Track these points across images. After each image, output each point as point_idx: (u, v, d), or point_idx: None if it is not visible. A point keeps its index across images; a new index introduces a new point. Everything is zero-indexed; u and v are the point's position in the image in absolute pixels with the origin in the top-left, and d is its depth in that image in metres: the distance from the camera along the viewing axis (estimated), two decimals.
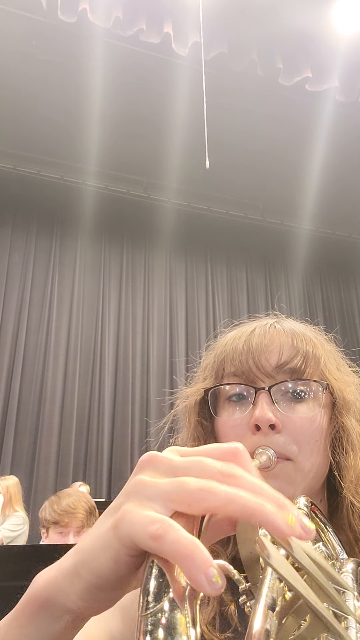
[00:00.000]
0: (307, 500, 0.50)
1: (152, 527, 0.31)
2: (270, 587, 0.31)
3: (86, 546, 0.36)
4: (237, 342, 0.73)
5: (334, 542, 0.52)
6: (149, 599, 0.28)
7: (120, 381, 7.02)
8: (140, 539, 0.31)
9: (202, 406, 0.75)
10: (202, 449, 0.37)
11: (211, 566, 0.28)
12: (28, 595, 0.38)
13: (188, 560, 0.28)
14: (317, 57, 5.52)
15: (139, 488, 0.35)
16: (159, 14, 5.10)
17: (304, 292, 8.84)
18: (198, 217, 7.70)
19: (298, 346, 0.70)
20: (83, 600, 0.35)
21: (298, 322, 0.77)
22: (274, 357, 0.69)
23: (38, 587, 0.37)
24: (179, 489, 0.33)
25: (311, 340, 0.72)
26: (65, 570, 0.36)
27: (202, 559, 0.28)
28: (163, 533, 0.30)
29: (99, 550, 0.34)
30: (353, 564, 0.44)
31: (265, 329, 0.73)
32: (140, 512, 0.33)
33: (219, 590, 0.28)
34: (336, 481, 0.68)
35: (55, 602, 0.36)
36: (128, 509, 0.33)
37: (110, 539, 0.34)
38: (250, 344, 0.71)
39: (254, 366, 0.69)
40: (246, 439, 0.66)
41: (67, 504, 2.34)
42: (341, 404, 0.69)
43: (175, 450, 0.38)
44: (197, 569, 0.28)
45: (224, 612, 0.62)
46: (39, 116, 6.10)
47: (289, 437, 0.65)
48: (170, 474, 0.35)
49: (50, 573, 0.37)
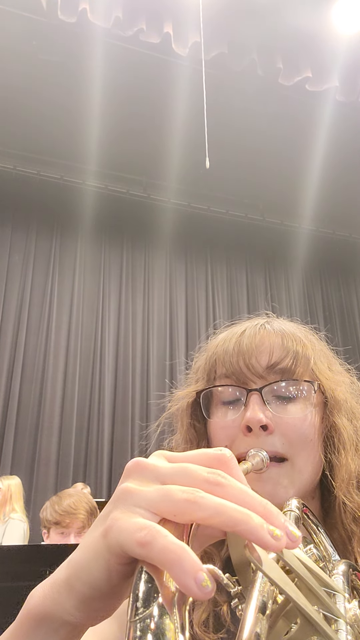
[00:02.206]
0: (299, 502, 0.50)
1: (139, 533, 0.31)
2: (260, 591, 0.31)
3: (78, 557, 0.36)
4: (227, 343, 0.73)
5: (325, 543, 0.52)
6: (137, 605, 0.28)
7: (120, 381, 7.02)
8: (129, 546, 0.31)
9: (194, 408, 0.75)
10: (188, 454, 0.37)
11: (200, 570, 0.28)
12: (24, 612, 0.38)
13: (176, 566, 0.28)
14: (317, 57, 5.52)
15: (125, 496, 0.35)
16: (159, 14, 5.10)
17: (304, 292, 8.84)
18: (198, 217, 7.69)
19: (288, 346, 0.70)
20: (80, 611, 0.35)
21: (288, 322, 0.78)
22: (265, 358, 0.69)
23: (34, 603, 0.37)
24: (164, 497, 0.33)
25: (301, 340, 0.72)
26: (59, 583, 0.36)
27: (190, 564, 0.28)
28: (151, 539, 0.30)
29: (90, 560, 0.34)
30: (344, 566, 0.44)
31: (255, 330, 0.73)
32: (127, 520, 0.32)
33: (209, 594, 0.28)
34: (328, 480, 0.68)
35: (53, 616, 0.36)
36: (116, 516, 0.33)
37: (100, 549, 0.34)
38: (241, 345, 0.71)
39: (244, 367, 0.69)
40: (238, 440, 0.66)
41: (68, 505, 2.34)
42: (332, 403, 0.70)
43: (161, 455, 0.38)
44: (185, 574, 0.28)
45: (218, 612, 0.62)
46: (39, 116, 6.09)
47: (281, 438, 0.65)
48: (156, 480, 0.35)
49: (45, 588, 0.37)
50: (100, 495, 5.91)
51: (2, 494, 4.14)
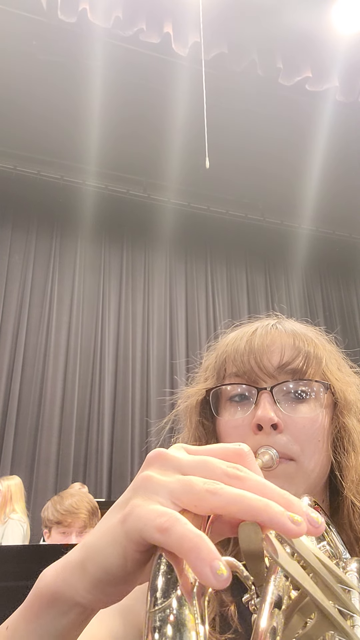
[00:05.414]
0: (310, 499, 0.50)
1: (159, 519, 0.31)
2: (276, 585, 0.31)
3: (93, 541, 0.36)
4: (238, 342, 0.73)
5: (337, 541, 0.52)
6: (157, 596, 0.28)
7: (120, 381, 7.02)
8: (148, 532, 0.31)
9: (203, 406, 0.75)
10: (208, 448, 0.37)
11: (216, 559, 0.28)
12: (36, 590, 0.38)
13: (194, 553, 0.29)
14: (317, 57, 5.52)
15: (146, 484, 0.35)
16: (159, 14, 5.10)
17: (304, 292, 8.84)
18: (198, 217, 7.70)
19: (299, 347, 0.70)
20: (91, 594, 0.35)
21: (299, 323, 0.78)
22: (276, 358, 0.70)
23: (46, 582, 0.37)
24: (186, 487, 0.33)
25: (312, 340, 0.72)
26: (73, 564, 0.36)
27: (207, 551, 0.29)
28: (170, 526, 0.30)
29: (107, 546, 0.34)
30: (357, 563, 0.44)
31: (267, 330, 0.73)
32: (147, 507, 0.33)
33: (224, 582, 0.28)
34: (337, 481, 0.68)
35: (64, 596, 0.36)
36: (136, 503, 0.34)
37: (117, 534, 0.34)
38: (252, 345, 0.71)
39: (255, 366, 0.69)
40: (248, 439, 0.66)
41: (69, 504, 2.34)
42: (342, 404, 0.70)
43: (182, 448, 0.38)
44: (202, 561, 0.28)
45: (224, 613, 0.62)
46: (39, 116, 6.09)
47: (291, 437, 0.65)
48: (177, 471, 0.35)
49: (58, 568, 0.38)
50: (100, 495, 5.91)
51: (1, 495, 4.13)
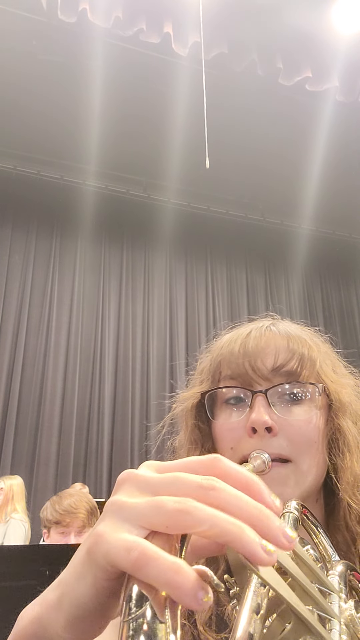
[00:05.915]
0: (298, 504, 0.50)
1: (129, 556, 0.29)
2: (255, 591, 0.31)
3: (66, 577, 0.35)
4: (233, 345, 0.73)
5: (325, 544, 0.52)
6: (130, 605, 0.28)
7: (120, 381, 7.02)
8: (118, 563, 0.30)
9: (199, 409, 0.75)
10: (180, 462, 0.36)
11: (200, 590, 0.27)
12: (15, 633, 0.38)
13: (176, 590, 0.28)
14: (317, 57, 5.52)
15: (114, 509, 0.33)
16: (159, 14, 5.10)
17: (304, 292, 8.84)
18: (198, 217, 7.70)
19: (294, 349, 0.70)
20: (68, 632, 0.34)
21: (294, 324, 0.77)
22: (270, 360, 0.69)
23: (23, 625, 0.37)
24: (155, 509, 0.31)
25: (307, 342, 0.72)
26: (49, 604, 0.36)
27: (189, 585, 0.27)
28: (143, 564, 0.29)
29: (78, 579, 0.33)
30: (342, 567, 0.44)
31: (261, 332, 0.73)
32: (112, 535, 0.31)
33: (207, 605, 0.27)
34: (333, 483, 0.68)
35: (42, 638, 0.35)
36: (99, 531, 0.32)
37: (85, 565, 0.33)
38: (247, 347, 0.71)
39: (250, 369, 0.69)
40: (243, 442, 0.66)
41: (68, 504, 2.34)
42: (337, 406, 0.70)
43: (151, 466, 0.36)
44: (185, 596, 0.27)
45: (221, 612, 0.62)
46: (39, 116, 6.10)
47: (286, 440, 0.65)
48: (147, 492, 0.33)
49: (35, 608, 0.37)
50: (100, 495, 5.91)
51: (3, 493, 4.13)
